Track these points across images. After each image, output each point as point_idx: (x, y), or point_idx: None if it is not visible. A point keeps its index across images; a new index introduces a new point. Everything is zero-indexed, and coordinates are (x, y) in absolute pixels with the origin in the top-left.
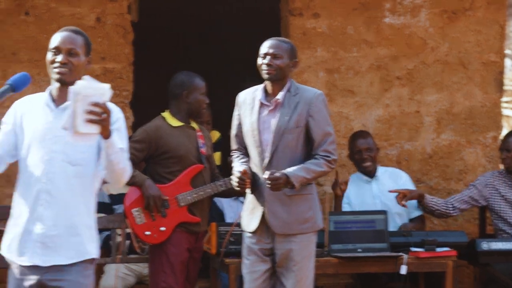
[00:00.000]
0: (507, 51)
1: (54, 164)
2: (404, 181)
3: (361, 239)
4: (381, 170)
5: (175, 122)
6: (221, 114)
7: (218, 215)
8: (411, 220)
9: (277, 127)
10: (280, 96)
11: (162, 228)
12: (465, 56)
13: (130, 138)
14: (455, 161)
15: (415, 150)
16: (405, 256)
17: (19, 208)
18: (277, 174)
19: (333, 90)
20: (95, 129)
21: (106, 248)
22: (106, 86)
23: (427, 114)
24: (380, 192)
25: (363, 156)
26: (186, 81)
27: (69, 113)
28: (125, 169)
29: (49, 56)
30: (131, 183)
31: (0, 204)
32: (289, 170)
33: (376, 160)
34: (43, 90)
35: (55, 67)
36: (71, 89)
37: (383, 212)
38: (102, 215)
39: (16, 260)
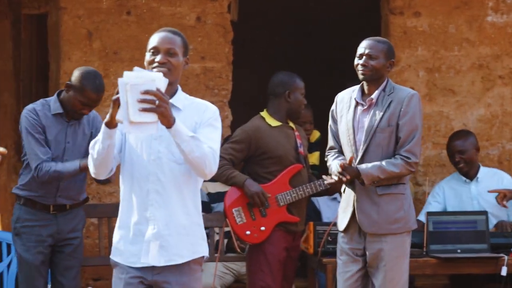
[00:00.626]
0: None
1: (162, 163)
2: (507, 183)
3: (460, 239)
4: (483, 171)
5: (274, 122)
6: (323, 114)
7: (315, 215)
8: None
9: (368, 126)
10: (374, 95)
11: (262, 228)
12: None
13: (229, 138)
14: None
15: None
16: (506, 257)
17: (127, 210)
18: (349, 168)
19: (433, 89)
20: (150, 117)
21: None
22: (157, 74)
23: None
24: (479, 194)
25: (455, 159)
26: (287, 81)
27: (122, 105)
28: (202, 158)
29: (148, 56)
30: (231, 183)
31: (100, 202)
32: (363, 166)
33: (474, 161)
34: None
35: (154, 67)
36: (119, 80)
37: (484, 213)
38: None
39: (126, 261)
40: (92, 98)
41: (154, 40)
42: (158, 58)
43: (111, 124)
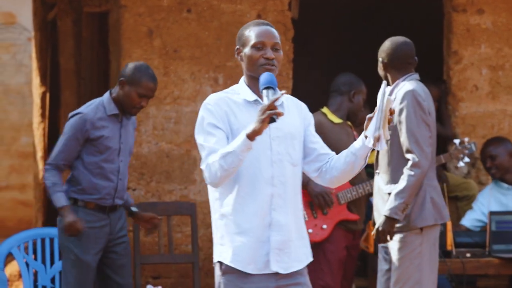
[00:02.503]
0: None
1: (283, 166)
2: None
3: None
4: None
5: (336, 119)
6: None
7: (371, 213)
8: None
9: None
10: None
11: (324, 226)
12: None
13: None
14: None
15: None
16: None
17: (245, 214)
18: (378, 233)
19: (496, 87)
20: (388, 133)
21: None
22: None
23: None
24: None
25: (486, 164)
26: (355, 81)
27: (376, 119)
28: None
29: (252, 51)
30: None
31: (160, 200)
32: (386, 210)
33: (506, 167)
34: (203, 88)
35: (262, 64)
36: (382, 92)
37: None
38: None
39: (247, 268)
40: (150, 87)
41: (257, 34)
42: (267, 54)
43: (254, 137)
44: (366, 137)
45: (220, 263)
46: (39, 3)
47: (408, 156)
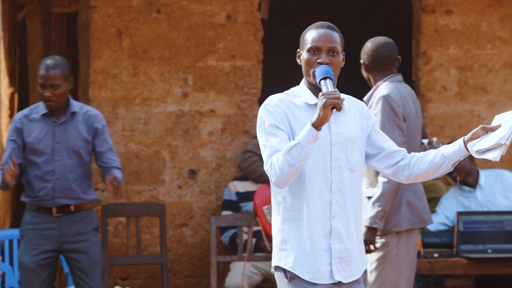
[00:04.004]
0: None
1: (342, 172)
2: (510, 181)
3: (491, 239)
4: (484, 176)
5: None
6: None
7: None
8: None
9: None
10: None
11: None
12: None
13: None
14: None
15: None
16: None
17: (306, 222)
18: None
19: (465, 88)
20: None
21: (233, 246)
22: None
23: None
24: (488, 200)
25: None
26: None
27: (509, 130)
28: None
29: (307, 56)
30: (265, 180)
31: (129, 201)
32: (365, 219)
33: (467, 170)
34: (173, 89)
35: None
36: None
37: None
38: (229, 213)
39: (311, 277)
40: (42, 75)
41: (313, 37)
42: (321, 58)
43: (320, 125)
44: (464, 143)
45: (284, 270)
46: (8, 4)
47: None
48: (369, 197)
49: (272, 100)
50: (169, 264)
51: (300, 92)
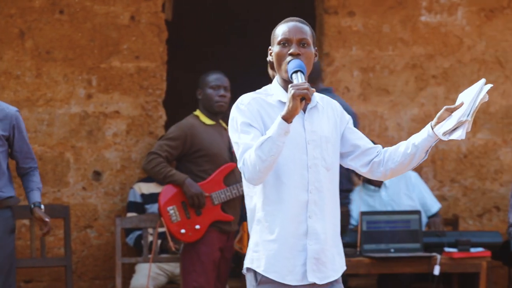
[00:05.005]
0: None
1: (319, 171)
2: (415, 180)
3: (394, 239)
4: None
5: (208, 121)
6: None
7: None
8: (430, 217)
9: None
10: None
11: (197, 226)
12: (502, 55)
13: (164, 135)
14: (491, 160)
15: (450, 149)
16: (438, 257)
17: (279, 222)
18: None
19: (367, 89)
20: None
21: (138, 247)
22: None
23: None
24: (392, 200)
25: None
26: (200, 79)
27: (469, 105)
28: None
29: (277, 49)
30: (169, 181)
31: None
32: None
33: None
34: (76, 90)
35: (288, 61)
36: (482, 87)
37: (417, 212)
38: (134, 214)
39: (284, 279)
40: None
41: (283, 31)
42: (291, 49)
43: (291, 118)
44: (432, 128)
45: (255, 272)
46: None
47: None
48: None
49: (245, 99)
50: (74, 266)
51: (273, 91)
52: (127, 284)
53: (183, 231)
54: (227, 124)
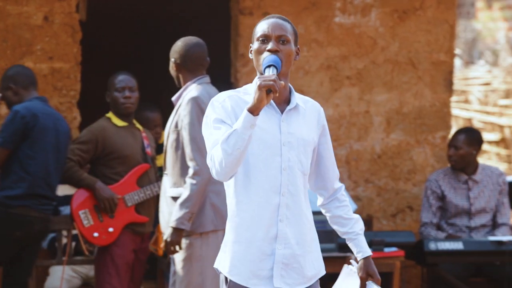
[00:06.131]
0: (456, 51)
1: (294, 174)
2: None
3: None
4: None
5: (120, 122)
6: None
7: None
8: None
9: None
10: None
11: (110, 229)
12: (415, 56)
13: (76, 139)
14: (404, 161)
15: (364, 150)
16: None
17: (248, 224)
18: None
19: None
20: None
21: (52, 250)
22: None
23: (376, 114)
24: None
25: None
26: (109, 81)
27: None
28: None
29: (256, 45)
30: (81, 185)
31: None
32: (171, 220)
33: None
34: None
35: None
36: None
37: None
38: None
39: (247, 283)
40: None
41: (263, 27)
42: (269, 46)
43: (257, 111)
44: (356, 259)
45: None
46: None
47: (190, 164)
48: (174, 197)
49: (220, 96)
50: None
51: (252, 89)
52: (41, 287)
53: (96, 234)
54: (140, 125)
